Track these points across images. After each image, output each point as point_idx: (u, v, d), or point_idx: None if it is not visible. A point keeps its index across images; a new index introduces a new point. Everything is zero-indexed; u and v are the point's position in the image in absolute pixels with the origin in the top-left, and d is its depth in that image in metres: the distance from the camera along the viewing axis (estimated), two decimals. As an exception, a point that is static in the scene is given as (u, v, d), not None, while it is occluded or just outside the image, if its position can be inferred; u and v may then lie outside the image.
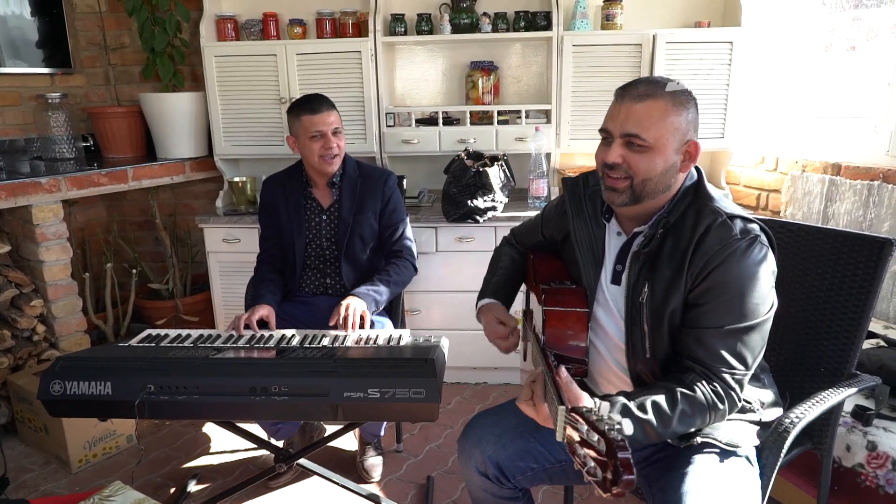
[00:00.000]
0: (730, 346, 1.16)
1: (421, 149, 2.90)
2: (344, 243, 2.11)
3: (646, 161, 1.20)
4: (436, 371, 1.45)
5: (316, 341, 1.76)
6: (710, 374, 1.17)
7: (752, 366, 1.18)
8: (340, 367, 1.50)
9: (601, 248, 1.35)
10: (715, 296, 1.16)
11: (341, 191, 2.14)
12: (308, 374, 1.48)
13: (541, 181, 2.79)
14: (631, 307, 1.27)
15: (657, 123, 1.18)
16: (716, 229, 1.17)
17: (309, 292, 2.18)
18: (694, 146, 1.21)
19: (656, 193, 1.23)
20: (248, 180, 3.01)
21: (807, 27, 2.65)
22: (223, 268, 2.90)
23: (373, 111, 2.87)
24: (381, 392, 1.42)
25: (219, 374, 1.50)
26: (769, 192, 2.78)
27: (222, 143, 2.99)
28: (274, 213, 2.18)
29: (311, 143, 2.04)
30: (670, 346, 1.23)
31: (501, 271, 1.63)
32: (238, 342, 1.78)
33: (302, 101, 2.06)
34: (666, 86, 1.19)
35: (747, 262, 1.15)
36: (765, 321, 1.17)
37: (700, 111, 2.66)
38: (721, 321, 1.16)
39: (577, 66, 2.75)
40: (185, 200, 3.46)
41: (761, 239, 1.18)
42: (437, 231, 2.72)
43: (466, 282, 2.72)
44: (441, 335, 1.78)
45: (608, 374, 1.36)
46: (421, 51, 3.11)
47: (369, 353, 1.64)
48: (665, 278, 1.21)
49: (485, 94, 2.99)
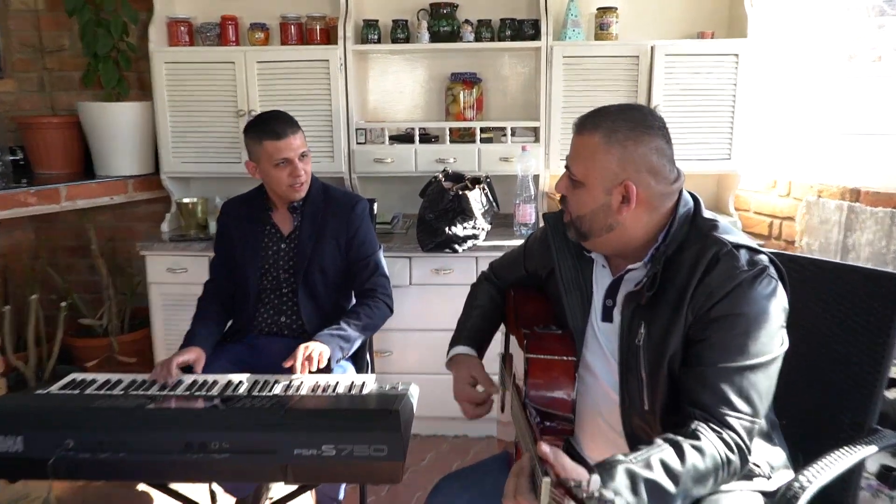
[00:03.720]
0: (736, 386, 1.14)
1: (395, 169, 2.89)
2: (301, 274, 2.09)
3: (576, 197, 1.26)
4: (400, 424, 1.42)
5: (266, 389, 1.72)
6: (716, 422, 1.14)
7: (761, 412, 1.16)
8: (291, 419, 1.46)
9: (588, 284, 1.35)
10: (719, 329, 1.16)
11: (303, 216, 2.12)
12: (254, 427, 1.44)
13: (528, 206, 2.79)
14: (626, 351, 1.25)
15: (586, 160, 1.24)
16: (721, 261, 1.17)
17: (262, 332, 2.14)
18: (628, 188, 1.21)
19: (597, 232, 1.26)
20: (199, 202, 2.98)
21: (822, 37, 2.70)
22: (167, 301, 2.85)
23: (341, 127, 2.87)
24: (336, 449, 1.38)
25: (150, 427, 1.46)
26: (782, 220, 2.80)
27: (171, 160, 2.97)
28: (228, 240, 2.16)
29: (277, 172, 2.03)
30: (672, 397, 1.21)
31: (477, 311, 1.61)
32: (176, 389, 1.74)
33: (262, 123, 2.04)
34: (616, 118, 1.22)
35: (755, 294, 1.15)
36: (773, 361, 1.17)
37: (704, 130, 2.79)
38: (725, 358, 1.15)
39: (569, 79, 2.78)
40: (126, 224, 3.42)
41: (770, 271, 1.18)
42: (411, 261, 2.70)
43: (444, 319, 2.66)
44: (415, 380, 1.75)
45: (597, 433, 1.33)
46: (396, 60, 3.12)
47: (326, 402, 1.60)
48: (663, 317, 1.20)
49: (466, 109, 3.00)
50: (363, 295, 2.13)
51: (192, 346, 1.91)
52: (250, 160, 2.08)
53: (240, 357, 2.06)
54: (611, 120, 1.22)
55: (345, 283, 2.18)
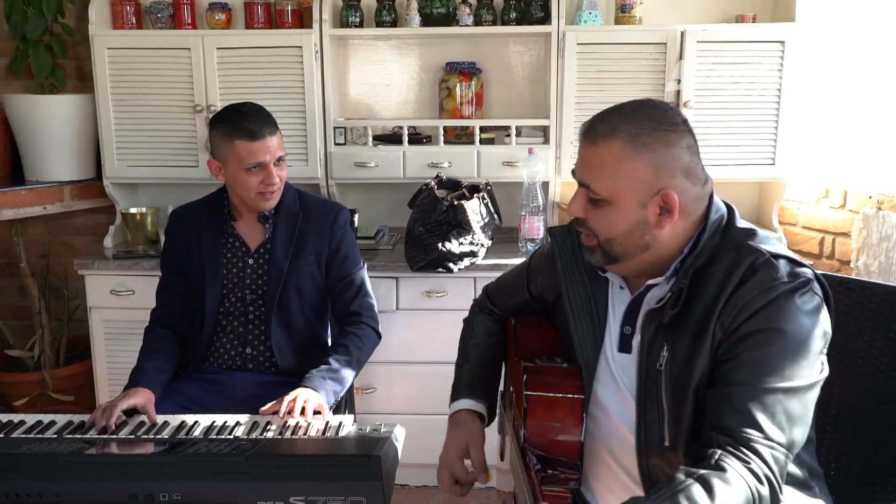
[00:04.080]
0: (767, 409, 1.15)
1: (380, 174, 2.93)
2: (276, 298, 2.11)
3: (603, 218, 1.26)
4: (382, 472, 1.44)
5: (225, 431, 1.74)
6: (743, 449, 1.13)
7: (794, 446, 1.17)
8: (255, 466, 1.48)
9: (603, 309, 1.38)
10: (751, 346, 1.18)
11: (276, 227, 2.15)
12: (210, 476, 1.45)
13: (535, 218, 2.83)
14: (645, 378, 1.29)
15: (610, 172, 1.24)
16: (757, 271, 1.20)
17: (221, 366, 2.16)
18: (668, 197, 1.23)
19: (632, 254, 1.28)
20: (148, 212, 3.01)
21: (883, 22, 2.73)
22: (111, 329, 2.87)
23: (317, 125, 2.91)
24: (306, 501, 1.39)
25: (88, 476, 1.47)
26: (835, 236, 2.85)
27: (115, 163, 3.00)
28: (181, 254, 2.17)
29: (247, 177, 2.05)
30: (695, 433, 1.24)
31: (475, 352, 1.65)
32: (119, 432, 1.76)
33: (235, 119, 2.05)
34: (636, 119, 1.23)
35: (794, 308, 1.18)
36: (810, 386, 1.19)
37: (743, 131, 2.84)
38: (756, 377, 1.17)
39: (583, 70, 2.83)
40: (62, 238, 3.43)
41: (814, 286, 1.21)
42: (398, 283, 2.73)
43: (437, 349, 2.71)
44: (402, 420, 1.78)
45: (610, 479, 1.36)
46: (382, 48, 3.18)
47: (296, 447, 1.62)
48: (688, 337, 1.24)
49: (464, 105, 3.05)
50: (346, 320, 2.16)
51: (139, 388, 1.90)
52: (214, 159, 2.11)
53: (193, 398, 2.07)
54: (629, 121, 1.24)
55: (322, 307, 2.22)
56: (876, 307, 1.56)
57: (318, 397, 1.88)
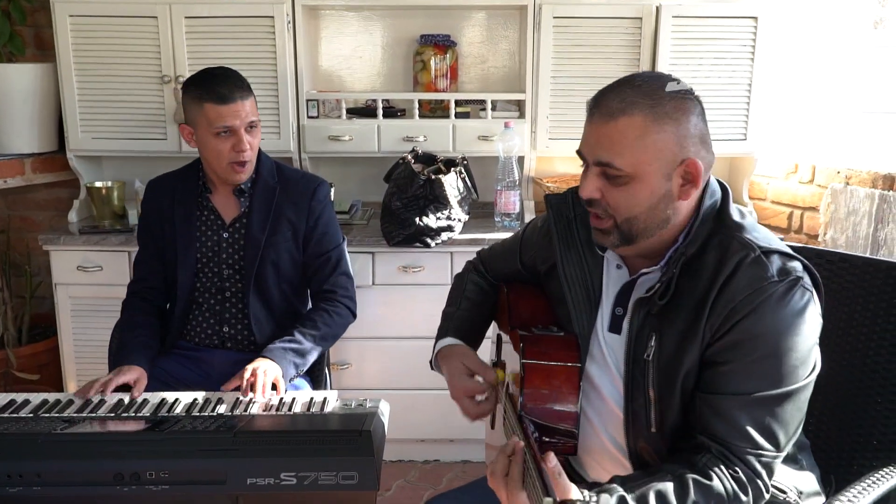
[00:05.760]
0: (757, 420, 1.18)
1: (354, 148, 2.91)
2: (252, 273, 2.09)
3: (626, 195, 1.23)
4: (373, 447, 1.45)
5: (208, 408, 1.73)
6: (731, 456, 1.19)
7: (786, 446, 1.21)
8: (243, 443, 1.48)
9: (597, 286, 1.38)
10: (741, 353, 1.19)
11: (252, 200, 2.11)
12: (198, 453, 1.46)
13: (511, 193, 2.84)
14: (633, 366, 1.29)
15: (633, 145, 1.21)
16: (746, 268, 1.20)
17: (198, 344, 2.14)
18: (693, 165, 1.22)
19: (652, 231, 1.26)
20: (114, 185, 2.95)
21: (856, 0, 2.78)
22: (77, 306, 2.83)
23: (289, 97, 2.87)
24: (297, 477, 1.41)
25: (71, 455, 1.46)
26: (804, 210, 2.91)
27: (79, 135, 2.93)
28: (156, 226, 2.14)
29: (216, 143, 1.99)
30: (683, 419, 1.26)
31: (467, 303, 1.64)
32: (98, 410, 1.74)
33: (206, 82, 2.01)
34: (650, 90, 1.21)
35: (785, 311, 1.18)
36: (803, 388, 1.20)
37: (718, 106, 2.86)
38: (747, 386, 1.18)
39: (559, 44, 2.83)
40: (23, 212, 3.37)
41: (804, 282, 1.21)
42: (374, 257, 2.72)
43: (413, 325, 2.72)
44: (377, 396, 1.77)
45: (600, 452, 1.38)
46: (354, 18, 3.14)
47: (283, 423, 1.62)
48: (678, 329, 1.24)
49: (438, 79, 3.03)
50: (321, 297, 2.15)
51: (132, 366, 1.88)
52: (186, 123, 2.06)
53: (172, 374, 2.06)
54: (645, 93, 1.21)
55: (301, 283, 2.20)
56: (855, 279, 1.59)
57: (276, 369, 1.87)
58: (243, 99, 2.00)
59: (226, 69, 2.07)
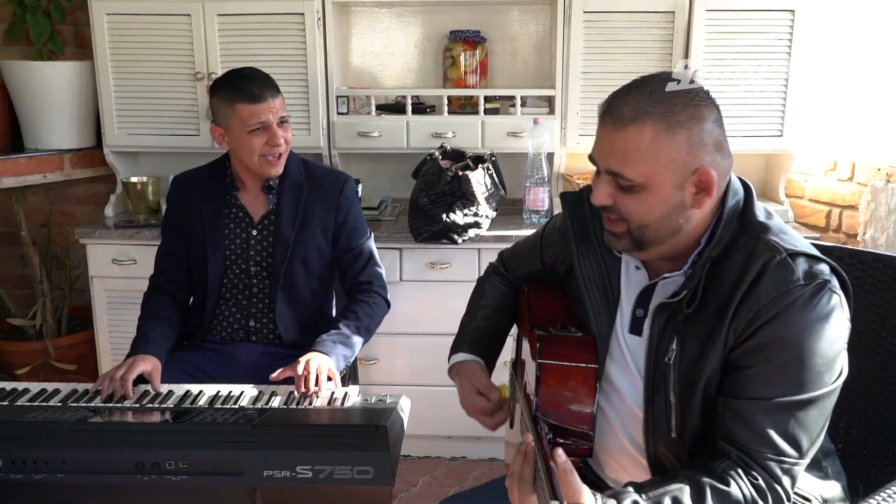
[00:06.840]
0: (780, 426, 1.16)
1: (383, 144, 2.91)
2: (282, 270, 2.10)
3: (638, 203, 1.21)
4: (388, 442, 1.45)
5: (231, 401, 1.75)
6: (751, 462, 1.16)
7: (809, 452, 1.19)
8: (261, 436, 1.49)
9: (616, 287, 1.36)
10: (766, 357, 1.16)
11: (280, 198, 2.12)
12: (217, 445, 1.47)
13: (540, 190, 2.82)
14: (654, 370, 1.27)
15: (644, 156, 1.17)
16: (772, 271, 1.17)
17: (225, 338, 2.16)
18: (706, 175, 1.19)
19: (663, 239, 1.24)
20: (149, 181, 3.00)
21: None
22: (113, 298, 2.88)
23: (319, 94, 2.89)
24: (313, 470, 1.40)
25: (94, 444, 1.48)
26: (843, 209, 2.84)
27: (115, 132, 2.98)
28: (183, 222, 2.16)
29: (251, 139, 2.01)
30: (704, 424, 1.24)
31: (484, 312, 1.64)
32: (123, 401, 1.77)
33: (234, 82, 2.03)
34: (663, 97, 1.17)
35: (811, 315, 1.15)
36: (829, 394, 1.18)
37: (751, 101, 2.81)
38: (770, 391, 1.16)
39: (590, 39, 2.80)
40: (62, 206, 3.43)
41: (832, 285, 1.18)
42: (401, 254, 2.73)
43: (440, 321, 2.71)
44: (405, 392, 1.78)
45: (619, 453, 1.36)
46: (385, 15, 3.14)
47: (301, 417, 1.63)
48: (700, 333, 1.22)
49: (468, 75, 3.02)
50: (358, 289, 2.16)
51: (145, 355, 1.91)
52: (217, 125, 2.08)
53: (198, 366, 2.08)
54: (658, 100, 1.17)
55: (329, 280, 2.21)
56: (889, 280, 1.55)
57: (330, 362, 1.88)
58: (273, 97, 2.03)
59: (253, 69, 2.08)
